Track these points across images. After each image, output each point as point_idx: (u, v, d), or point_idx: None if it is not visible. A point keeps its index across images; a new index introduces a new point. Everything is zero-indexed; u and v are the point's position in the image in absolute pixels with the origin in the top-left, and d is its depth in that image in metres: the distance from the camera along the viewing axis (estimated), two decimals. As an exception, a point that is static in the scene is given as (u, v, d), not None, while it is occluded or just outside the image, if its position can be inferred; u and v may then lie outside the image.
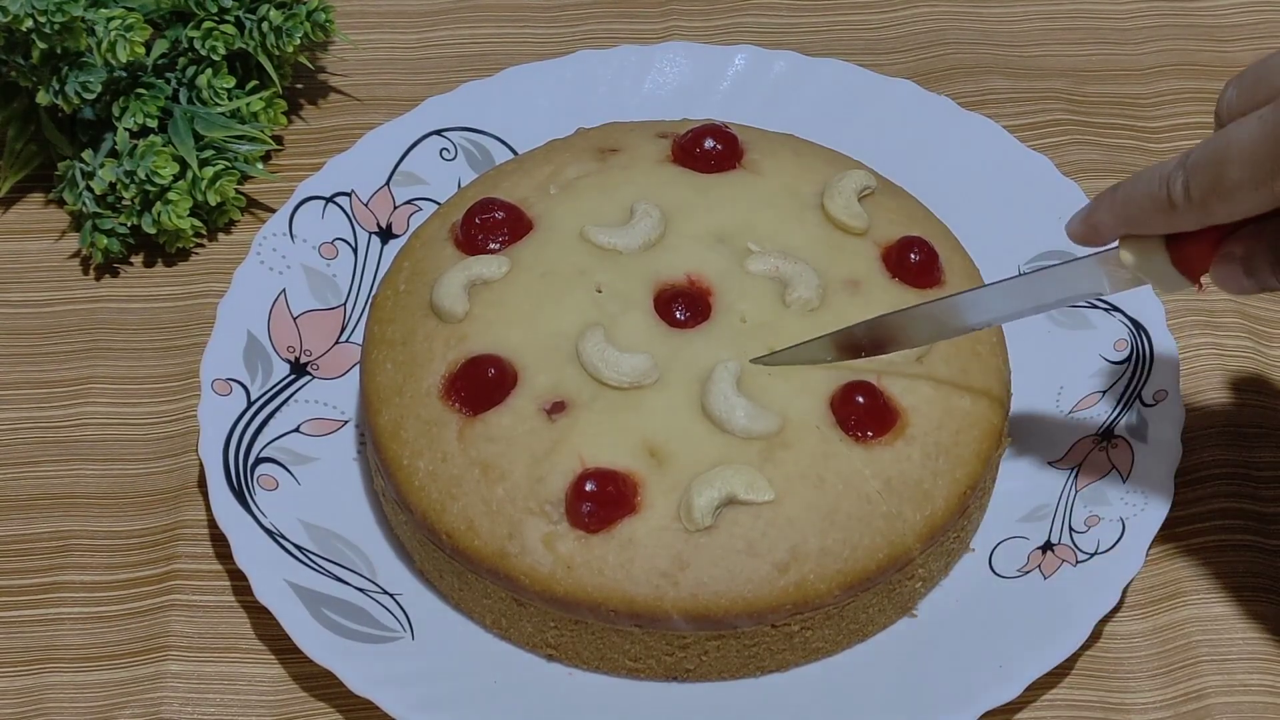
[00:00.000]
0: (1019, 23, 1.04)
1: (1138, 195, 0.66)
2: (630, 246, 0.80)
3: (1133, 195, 0.66)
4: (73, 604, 0.79)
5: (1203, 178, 0.63)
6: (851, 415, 0.75)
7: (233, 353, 0.82)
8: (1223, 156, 0.62)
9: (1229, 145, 0.62)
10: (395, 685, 0.72)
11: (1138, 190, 0.66)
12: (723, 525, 0.72)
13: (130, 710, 0.76)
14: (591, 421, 0.74)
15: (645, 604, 0.72)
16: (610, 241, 0.80)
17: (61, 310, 0.90)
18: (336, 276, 0.87)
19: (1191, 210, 0.64)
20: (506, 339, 0.77)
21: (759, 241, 0.80)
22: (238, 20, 0.93)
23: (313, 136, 0.98)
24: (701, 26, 1.03)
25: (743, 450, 0.73)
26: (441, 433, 0.75)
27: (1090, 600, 0.74)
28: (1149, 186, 0.65)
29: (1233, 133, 0.63)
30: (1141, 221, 0.66)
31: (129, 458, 0.84)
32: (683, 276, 0.79)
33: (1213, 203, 0.63)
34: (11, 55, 0.88)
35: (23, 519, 0.82)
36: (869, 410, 0.75)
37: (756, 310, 0.78)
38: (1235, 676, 0.76)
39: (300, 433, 0.82)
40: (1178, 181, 0.64)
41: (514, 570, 0.73)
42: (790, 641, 0.74)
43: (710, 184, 0.83)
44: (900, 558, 0.74)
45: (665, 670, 0.75)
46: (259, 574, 0.75)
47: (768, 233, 0.81)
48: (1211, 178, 0.63)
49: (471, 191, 0.84)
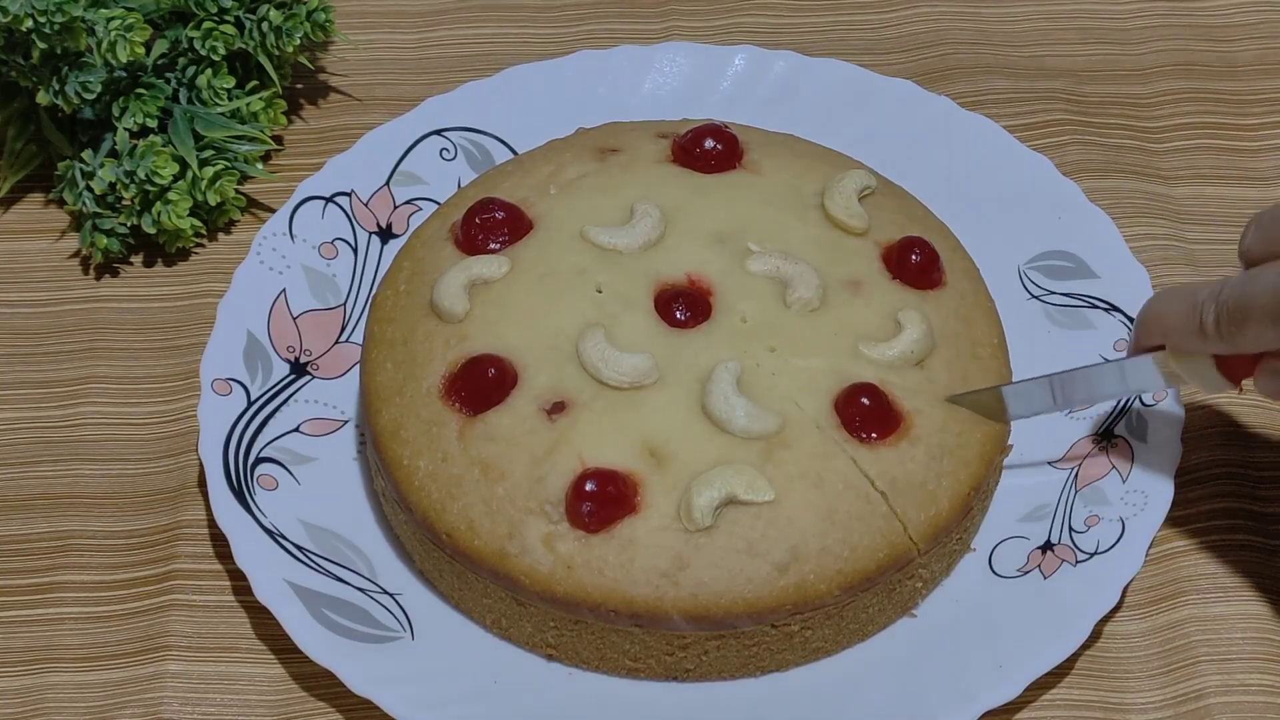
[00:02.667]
0: (1019, 23, 1.04)
1: (1174, 315, 0.71)
2: (630, 246, 0.80)
3: (1168, 315, 0.72)
4: (72, 604, 0.79)
5: (1231, 316, 0.69)
6: (856, 416, 0.75)
7: (233, 352, 0.82)
8: (1248, 302, 0.68)
9: (1252, 294, 0.68)
10: (395, 685, 0.72)
11: (1173, 309, 0.72)
12: (723, 525, 0.72)
13: (130, 710, 0.76)
14: (591, 421, 0.74)
15: (645, 604, 0.72)
16: (610, 241, 0.80)
17: (61, 310, 0.90)
18: (336, 276, 0.87)
19: (1223, 342, 0.70)
20: (506, 339, 0.77)
21: (759, 241, 0.80)
22: (238, 20, 0.93)
23: (313, 136, 0.98)
24: (701, 26, 1.03)
25: (743, 450, 0.73)
26: (441, 432, 0.75)
27: (1090, 600, 0.74)
28: (1183, 306, 0.71)
29: (1256, 281, 0.68)
30: (1180, 341, 0.72)
31: (129, 458, 0.84)
32: (683, 276, 0.79)
33: (1240, 340, 0.69)
34: (11, 55, 0.88)
35: (22, 519, 0.82)
36: (874, 411, 0.75)
37: (757, 310, 0.78)
38: (1235, 676, 0.76)
39: (300, 432, 0.82)
40: (1210, 313, 0.70)
41: (514, 570, 0.73)
42: (790, 641, 0.74)
43: (710, 184, 0.83)
44: (901, 558, 0.74)
45: (665, 670, 0.75)
46: (259, 574, 0.75)
47: (768, 233, 0.81)
48: (1239, 318, 0.68)
49: (471, 191, 0.84)
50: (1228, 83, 1.00)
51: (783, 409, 0.74)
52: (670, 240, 0.80)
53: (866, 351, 0.77)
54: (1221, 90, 1.00)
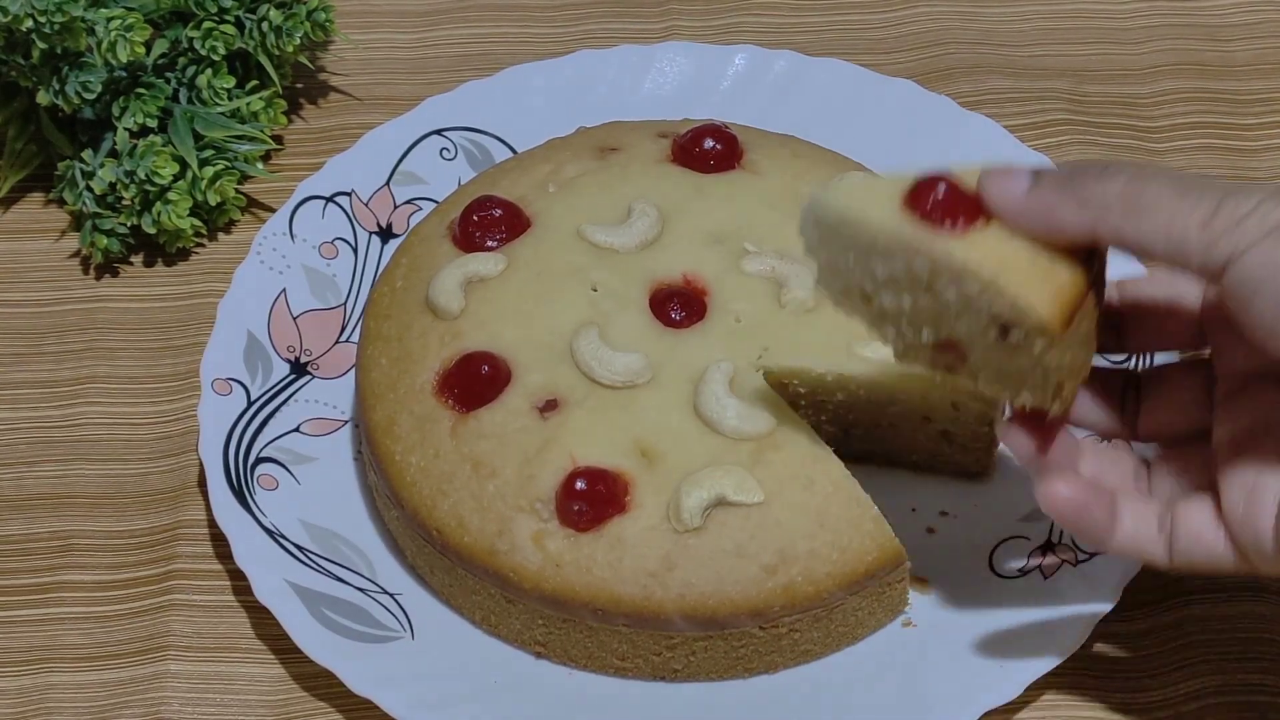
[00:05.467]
0: (1019, 23, 1.04)
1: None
2: (627, 245, 0.80)
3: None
4: (73, 604, 0.79)
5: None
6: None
7: (233, 352, 0.82)
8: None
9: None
10: (396, 685, 0.72)
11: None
12: (711, 526, 0.72)
13: (130, 710, 0.76)
14: (583, 420, 0.74)
15: (633, 603, 0.72)
16: (607, 240, 0.80)
17: (61, 310, 0.90)
18: (336, 276, 0.87)
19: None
20: (501, 336, 0.77)
21: (756, 242, 0.80)
22: (238, 20, 0.93)
23: (313, 136, 0.98)
24: (701, 26, 1.03)
25: (733, 451, 0.73)
26: (434, 429, 0.75)
27: (1090, 600, 0.74)
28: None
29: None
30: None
31: (129, 457, 0.84)
32: (679, 276, 0.79)
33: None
34: (12, 55, 0.88)
35: (23, 519, 0.82)
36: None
37: (751, 310, 0.78)
38: (1235, 677, 0.76)
39: (300, 432, 0.82)
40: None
41: (503, 567, 0.73)
42: (779, 643, 0.74)
43: (709, 184, 0.83)
44: (890, 560, 0.74)
45: (653, 670, 0.75)
46: (259, 574, 0.75)
47: (766, 233, 0.81)
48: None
49: (470, 189, 0.84)
50: (1227, 83, 1.00)
51: (774, 410, 0.74)
52: (667, 240, 0.80)
53: (860, 351, 0.76)
54: (1221, 90, 1.00)
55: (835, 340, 0.77)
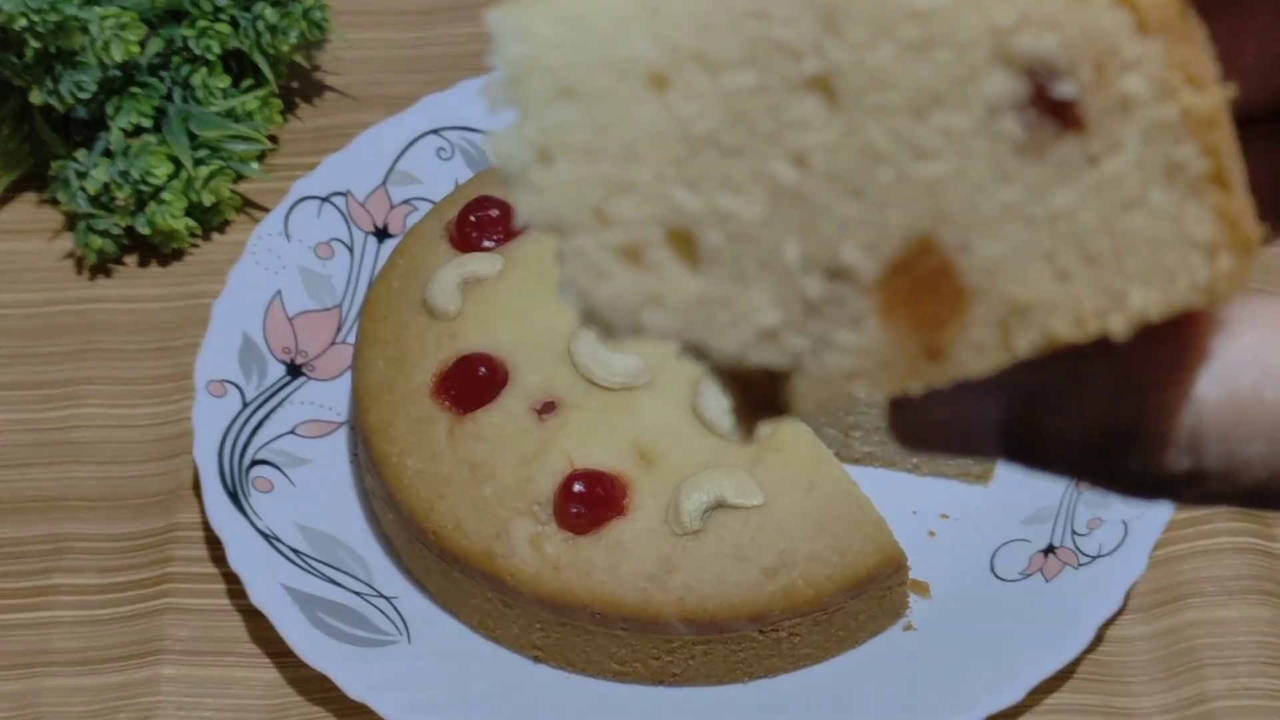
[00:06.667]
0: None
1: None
2: (627, 245, 0.79)
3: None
4: (67, 607, 0.79)
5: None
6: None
7: (228, 354, 0.82)
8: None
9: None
10: (392, 690, 0.72)
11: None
12: (711, 529, 0.72)
13: (124, 714, 0.75)
14: (582, 422, 0.74)
15: (631, 607, 0.71)
16: (606, 240, 0.79)
17: (55, 311, 0.89)
18: (332, 277, 0.86)
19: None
20: (498, 337, 0.76)
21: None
22: (233, 19, 0.93)
23: (308, 136, 0.97)
24: (700, 25, 1.02)
25: (733, 453, 0.73)
26: (431, 431, 0.75)
27: (1093, 603, 0.74)
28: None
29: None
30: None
31: (123, 460, 0.84)
32: (679, 276, 0.78)
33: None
34: (5, 54, 0.88)
35: (16, 522, 0.82)
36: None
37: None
38: (1238, 680, 0.76)
39: (295, 435, 0.81)
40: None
41: (500, 570, 0.72)
42: (778, 647, 0.74)
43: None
44: (891, 563, 0.73)
45: (652, 674, 0.74)
46: (254, 577, 0.75)
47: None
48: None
49: (468, 189, 0.84)
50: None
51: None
52: (667, 239, 0.80)
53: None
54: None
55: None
